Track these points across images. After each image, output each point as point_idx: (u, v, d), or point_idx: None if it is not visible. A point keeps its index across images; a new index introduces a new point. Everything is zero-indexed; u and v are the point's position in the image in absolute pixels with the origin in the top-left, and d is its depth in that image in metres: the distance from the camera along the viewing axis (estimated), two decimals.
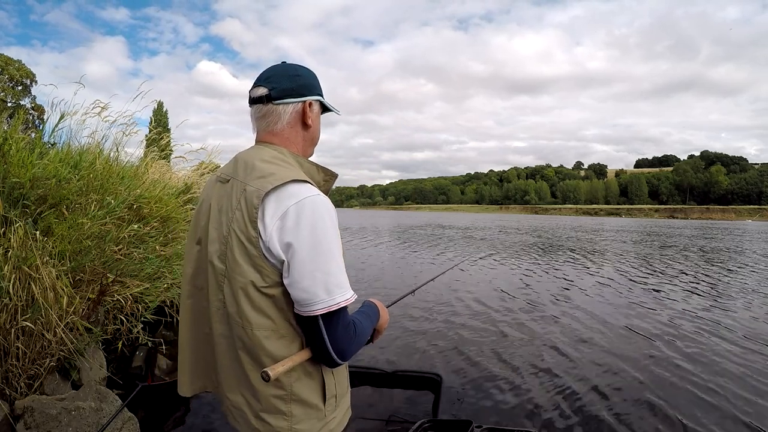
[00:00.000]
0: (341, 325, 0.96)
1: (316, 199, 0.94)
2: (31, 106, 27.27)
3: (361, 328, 1.04)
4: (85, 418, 2.23)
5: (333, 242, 0.95)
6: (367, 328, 1.08)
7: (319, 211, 0.93)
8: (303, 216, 0.92)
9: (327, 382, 1.03)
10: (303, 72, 1.08)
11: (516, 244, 17.78)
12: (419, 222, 41.22)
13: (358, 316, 1.09)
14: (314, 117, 1.09)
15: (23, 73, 30.33)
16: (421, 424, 2.23)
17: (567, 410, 3.18)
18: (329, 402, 1.03)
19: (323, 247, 0.92)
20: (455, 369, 3.91)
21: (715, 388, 3.59)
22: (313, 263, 0.91)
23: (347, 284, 0.96)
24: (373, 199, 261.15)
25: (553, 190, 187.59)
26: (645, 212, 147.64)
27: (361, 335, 1.04)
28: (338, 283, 0.94)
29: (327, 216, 0.94)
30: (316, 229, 0.92)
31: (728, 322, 5.76)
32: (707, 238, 25.23)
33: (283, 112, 1.05)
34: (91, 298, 2.79)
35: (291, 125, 1.06)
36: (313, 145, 1.13)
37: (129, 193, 3.53)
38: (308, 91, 1.07)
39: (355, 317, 1.05)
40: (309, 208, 0.92)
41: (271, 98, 1.03)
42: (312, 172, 1.06)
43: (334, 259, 0.94)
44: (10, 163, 2.66)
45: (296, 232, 0.91)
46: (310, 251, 0.91)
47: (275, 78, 1.05)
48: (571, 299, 7.04)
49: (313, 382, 1.01)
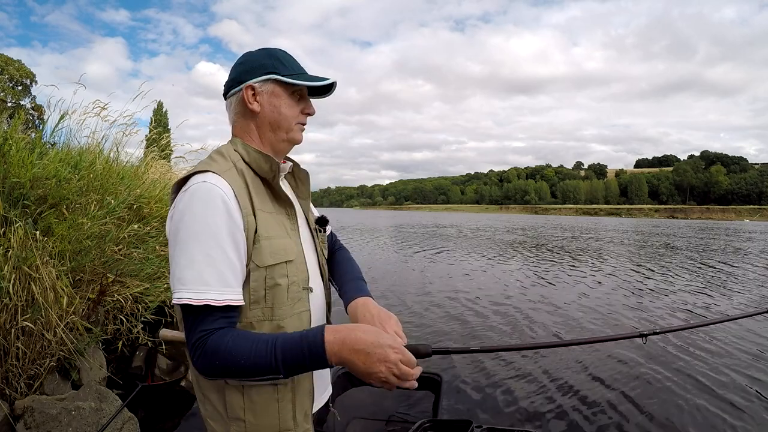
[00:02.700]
0: (194, 329, 0.82)
1: (200, 186, 0.85)
2: (31, 106, 27.27)
3: (226, 351, 0.79)
4: (85, 418, 2.23)
5: (196, 232, 0.83)
6: (247, 356, 0.79)
7: (195, 197, 0.85)
8: (180, 202, 0.87)
9: (229, 397, 0.90)
10: (250, 56, 0.99)
11: (516, 244, 17.77)
12: (419, 222, 41.20)
13: (245, 337, 0.82)
14: (264, 100, 0.97)
15: (23, 73, 30.33)
16: (421, 424, 2.23)
17: (567, 410, 3.18)
18: (236, 423, 0.90)
19: (181, 235, 0.84)
20: (455, 369, 3.92)
21: (715, 389, 3.59)
22: (174, 250, 0.85)
23: (194, 283, 0.81)
24: (373, 199, 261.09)
25: (553, 190, 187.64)
26: (645, 212, 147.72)
27: (226, 357, 0.79)
28: (181, 278, 0.82)
29: (199, 203, 0.84)
30: (183, 215, 0.84)
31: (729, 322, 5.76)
32: (706, 238, 25.22)
33: (230, 104, 1.00)
34: (91, 298, 2.79)
35: (240, 115, 0.99)
36: (274, 129, 0.99)
37: (129, 193, 3.53)
38: (249, 75, 0.96)
39: (237, 337, 0.81)
40: (188, 194, 0.86)
41: (224, 95, 1.02)
42: (259, 162, 0.96)
43: (187, 251, 0.82)
44: (10, 163, 2.66)
45: (173, 218, 0.88)
46: (174, 238, 0.85)
47: (230, 73, 1.02)
48: (572, 299, 7.03)
49: (212, 386, 0.92)
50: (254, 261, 0.88)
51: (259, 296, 0.89)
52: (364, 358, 0.80)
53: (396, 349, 0.82)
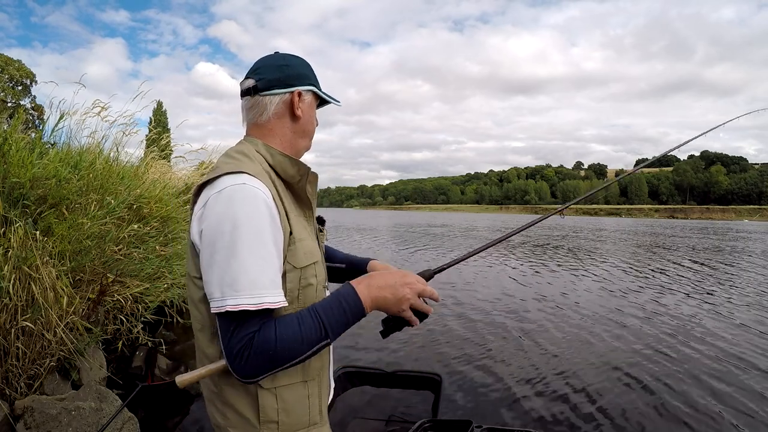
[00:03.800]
0: (237, 335, 0.80)
1: (237, 189, 0.84)
2: (31, 106, 27.28)
3: (272, 342, 0.80)
4: (85, 418, 2.23)
5: (242, 236, 0.81)
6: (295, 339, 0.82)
7: (235, 200, 0.83)
8: (217, 203, 0.84)
9: (262, 401, 0.90)
10: (293, 61, 1.03)
11: (516, 244, 17.77)
12: (420, 221, 41.20)
13: (287, 321, 0.84)
14: (306, 108, 1.03)
15: (23, 73, 30.33)
16: (421, 424, 2.23)
17: (567, 410, 3.18)
18: (267, 426, 0.90)
19: (225, 240, 0.81)
20: (455, 369, 3.92)
21: (716, 389, 3.59)
22: (212, 256, 0.82)
23: (246, 288, 0.80)
24: (373, 199, 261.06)
25: (553, 190, 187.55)
26: (645, 212, 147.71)
27: (273, 351, 0.80)
28: (232, 283, 0.80)
29: (243, 206, 0.83)
30: (225, 218, 0.82)
31: (729, 323, 5.77)
32: (705, 238, 25.22)
33: (270, 103, 1.00)
34: (91, 298, 2.79)
35: (278, 116, 1.01)
36: (305, 136, 1.06)
37: (129, 193, 3.53)
38: (298, 81, 1.01)
39: (279, 326, 0.83)
40: (226, 196, 0.84)
41: (258, 89, 0.99)
42: (284, 166, 0.98)
43: (236, 255, 0.81)
44: (10, 163, 2.66)
45: (207, 220, 0.85)
46: (213, 243, 0.82)
47: (263, 69, 1.01)
48: (572, 300, 7.04)
49: (243, 393, 0.90)
50: (290, 262, 0.91)
51: (294, 296, 0.92)
52: (391, 290, 0.93)
53: (408, 274, 0.98)
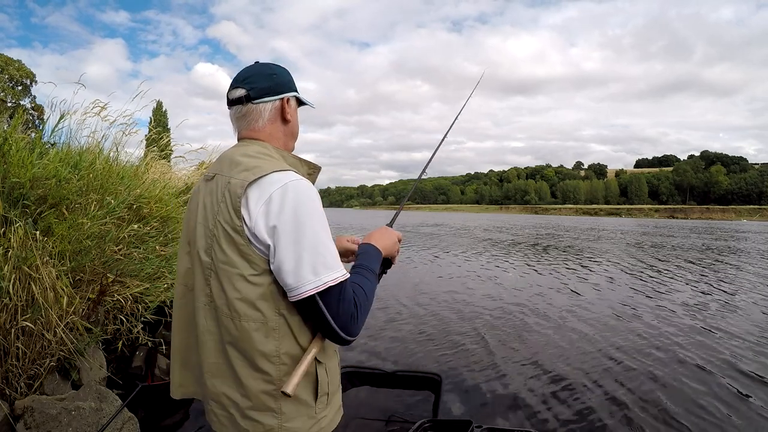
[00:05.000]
0: (340, 301, 0.95)
1: (299, 183, 0.97)
2: (31, 106, 27.26)
3: (363, 296, 1.00)
4: (85, 418, 2.23)
5: (318, 223, 0.95)
6: (370, 288, 1.05)
7: (303, 194, 0.95)
8: (287, 199, 0.94)
9: (320, 379, 1.02)
10: (278, 71, 1.13)
11: (516, 244, 17.78)
12: (420, 222, 41.20)
13: (358, 279, 1.04)
14: (292, 112, 1.14)
15: (23, 73, 30.31)
16: (421, 424, 2.23)
17: (567, 410, 3.19)
18: (320, 399, 1.02)
19: (308, 229, 0.93)
20: (455, 369, 3.92)
21: (717, 390, 3.60)
22: (299, 245, 0.92)
23: (336, 264, 0.95)
24: (373, 199, 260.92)
25: (553, 190, 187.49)
26: (645, 212, 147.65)
27: (364, 303, 1.00)
28: (325, 263, 0.93)
29: (311, 199, 0.96)
30: (300, 211, 0.94)
31: (730, 323, 5.77)
32: (705, 238, 25.23)
33: (263, 110, 1.09)
34: (91, 298, 2.79)
35: (271, 121, 1.11)
36: (293, 138, 1.18)
37: (129, 193, 3.52)
38: (285, 88, 1.12)
39: (356, 284, 1.02)
40: (292, 191, 0.94)
41: (250, 98, 1.08)
42: (296, 166, 1.09)
43: (320, 240, 0.94)
44: (10, 163, 2.65)
45: (280, 215, 0.93)
46: (295, 233, 0.93)
47: (253, 78, 1.09)
48: (572, 299, 7.04)
49: (306, 378, 0.99)
50: None
51: None
52: (386, 239, 1.24)
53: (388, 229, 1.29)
